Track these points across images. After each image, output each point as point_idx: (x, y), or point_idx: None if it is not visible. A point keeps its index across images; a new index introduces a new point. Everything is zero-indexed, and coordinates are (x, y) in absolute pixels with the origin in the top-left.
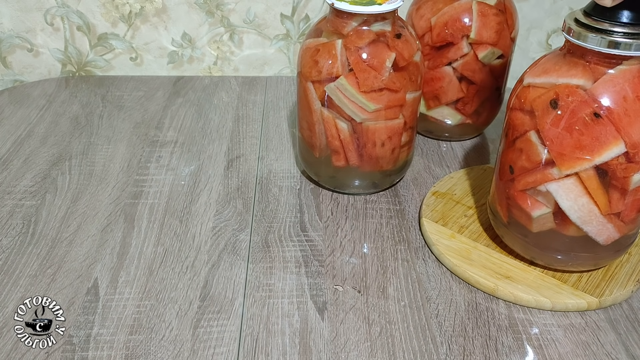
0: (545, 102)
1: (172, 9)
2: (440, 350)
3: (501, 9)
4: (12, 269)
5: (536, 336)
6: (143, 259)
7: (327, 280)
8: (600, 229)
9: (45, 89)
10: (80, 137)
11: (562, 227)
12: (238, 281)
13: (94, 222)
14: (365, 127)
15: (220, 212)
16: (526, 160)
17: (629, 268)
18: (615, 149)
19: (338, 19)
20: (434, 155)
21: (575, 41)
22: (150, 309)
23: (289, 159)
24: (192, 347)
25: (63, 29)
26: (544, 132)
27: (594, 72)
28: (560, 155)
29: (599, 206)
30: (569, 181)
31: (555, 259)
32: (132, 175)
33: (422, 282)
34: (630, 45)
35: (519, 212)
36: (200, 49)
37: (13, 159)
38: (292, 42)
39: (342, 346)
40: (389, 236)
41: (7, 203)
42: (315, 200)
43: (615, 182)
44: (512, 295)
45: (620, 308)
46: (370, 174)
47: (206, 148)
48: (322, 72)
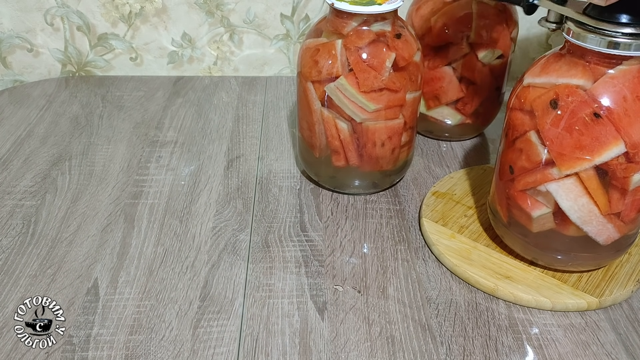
0: (545, 102)
1: (172, 9)
2: (440, 350)
3: (501, 9)
4: (12, 269)
5: (536, 336)
6: (143, 259)
7: (327, 280)
8: (600, 229)
9: (45, 89)
10: (80, 137)
11: (562, 227)
12: (238, 281)
13: (94, 222)
14: (365, 127)
15: (220, 212)
16: (526, 160)
17: (629, 268)
18: (615, 149)
19: (338, 19)
20: (434, 155)
21: (574, 41)
22: (150, 309)
23: (289, 159)
24: (192, 347)
25: (63, 29)
26: (544, 132)
27: (594, 72)
28: (560, 155)
29: (598, 206)
30: (569, 181)
31: (555, 259)
32: (132, 175)
33: (422, 282)
34: (630, 46)
35: (519, 212)
36: (200, 49)
37: (13, 159)
38: (292, 42)
39: (342, 346)
40: (389, 236)
41: (7, 203)
42: (315, 200)
43: (615, 182)
44: (512, 295)
45: (620, 308)
46: (370, 174)
47: (206, 148)
48: (322, 72)
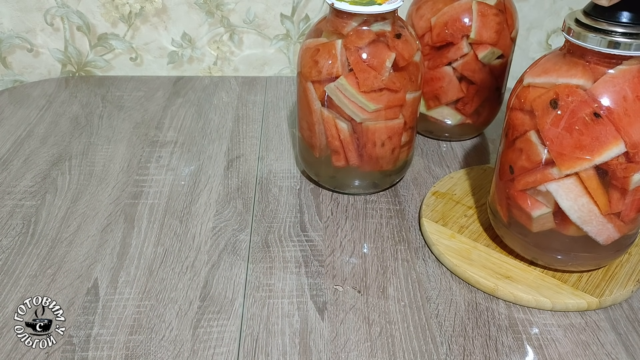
0: (545, 102)
1: (172, 9)
2: (440, 350)
3: (501, 9)
4: (12, 269)
5: (536, 336)
6: (143, 259)
7: (327, 280)
8: (600, 228)
9: (45, 89)
10: (80, 137)
11: (562, 227)
12: (238, 281)
13: (94, 222)
14: (365, 127)
15: (220, 212)
16: (526, 160)
17: (629, 268)
18: (615, 149)
19: (338, 19)
20: (434, 155)
21: (575, 41)
22: (150, 309)
23: (289, 159)
24: (192, 347)
25: (63, 29)
26: (544, 132)
27: (594, 72)
28: (560, 155)
29: (598, 206)
30: (569, 181)
31: (555, 259)
32: (132, 176)
33: (422, 282)
34: (630, 45)
35: (519, 212)
36: (200, 49)
37: (13, 159)
38: (292, 42)
39: (342, 346)
40: (389, 236)
41: (7, 203)
42: (315, 200)
43: (615, 182)
44: (512, 295)
45: (620, 308)
46: (370, 174)
47: (206, 148)
48: (322, 72)
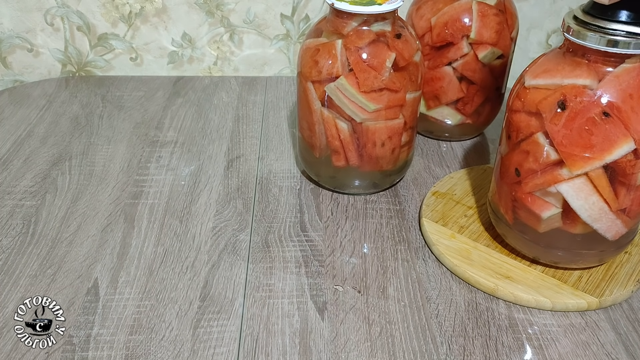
0: (553, 103)
1: (172, 9)
2: (440, 350)
3: (501, 9)
4: (12, 269)
5: (536, 336)
6: (143, 259)
7: (327, 280)
8: (609, 225)
9: (45, 89)
10: (80, 137)
11: (569, 225)
12: (238, 281)
13: (94, 222)
14: (365, 127)
15: (220, 212)
16: (534, 162)
17: (629, 268)
18: (625, 147)
19: (338, 19)
20: (434, 155)
21: (574, 40)
22: (150, 309)
23: (289, 159)
24: (192, 347)
25: (63, 29)
26: (553, 133)
27: (597, 71)
28: (571, 156)
29: (608, 203)
30: (579, 181)
31: (559, 257)
32: (132, 176)
33: (422, 282)
34: (629, 44)
35: (526, 214)
36: (200, 49)
37: (13, 159)
38: (292, 42)
39: (342, 346)
40: (389, 236)
41: (7, 203)
42: (315, 200)
43: (622, 178)
44: (512, 295)
45: (620, 308)
46: (370, 174)
47: (206, 148)
48: (322, 72)
